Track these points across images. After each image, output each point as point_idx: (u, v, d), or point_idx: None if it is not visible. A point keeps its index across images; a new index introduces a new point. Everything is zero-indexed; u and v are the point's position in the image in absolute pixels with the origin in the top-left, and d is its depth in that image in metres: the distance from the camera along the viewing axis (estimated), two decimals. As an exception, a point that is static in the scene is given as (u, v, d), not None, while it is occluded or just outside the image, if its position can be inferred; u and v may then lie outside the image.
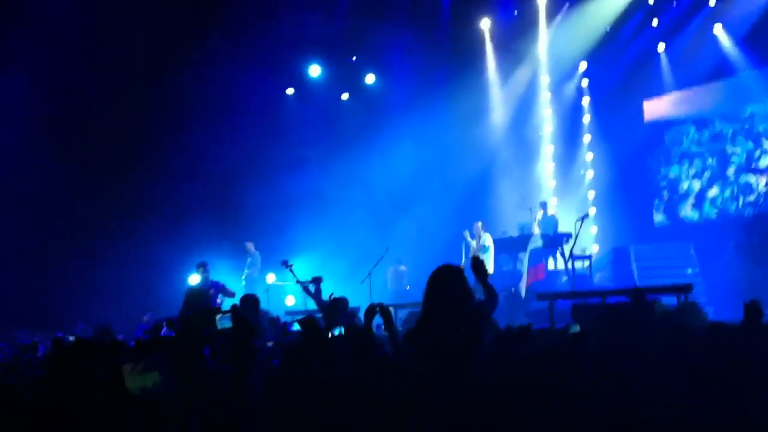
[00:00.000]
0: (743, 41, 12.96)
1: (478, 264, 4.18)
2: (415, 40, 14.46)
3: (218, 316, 4.73)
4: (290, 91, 15.94)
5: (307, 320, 5.36)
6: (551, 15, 15.07)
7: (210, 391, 3.85)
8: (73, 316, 11.76)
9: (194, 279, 10.90)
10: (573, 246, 11.14)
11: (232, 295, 9.96)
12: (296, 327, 6.74)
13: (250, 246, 13.73)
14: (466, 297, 3.83)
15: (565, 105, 15.95)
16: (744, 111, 13.40)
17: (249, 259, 13.64)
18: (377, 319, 4.53)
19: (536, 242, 11.86)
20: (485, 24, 15.37)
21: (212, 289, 9.69)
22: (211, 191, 14.16)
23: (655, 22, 14.16)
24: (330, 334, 5.63)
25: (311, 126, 15.42)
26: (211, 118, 14.08)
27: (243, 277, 13.46)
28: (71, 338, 8.75)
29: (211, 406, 3.60)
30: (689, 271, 12.12)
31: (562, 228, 12.61)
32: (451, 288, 3.82)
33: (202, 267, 10.78)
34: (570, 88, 15.90)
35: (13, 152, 12.27)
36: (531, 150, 15.99)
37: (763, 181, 12.22)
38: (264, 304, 10.66)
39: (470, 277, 4.12)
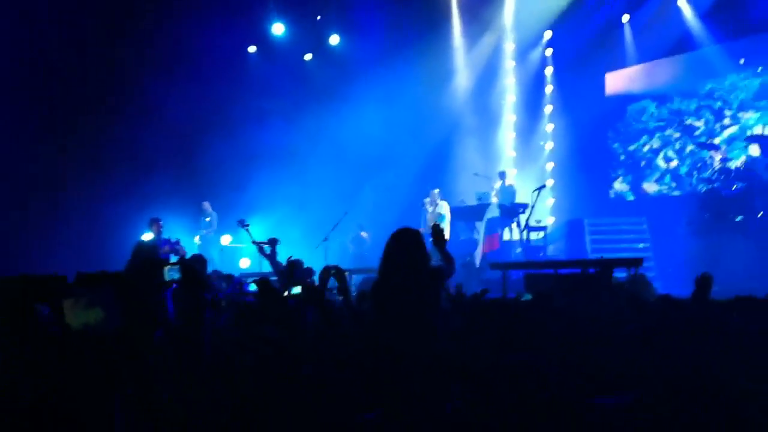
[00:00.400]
0: (706, 15, 12.94)
1: (437, 232, 4.24)
2: (382, 0, 14.24)
3: (166, 269, 4.64)
4: (252, 48, 15.58)
5: (262, 280, 5.32)
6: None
7: (156, 333, 3.77)
8: (21, 271, 11.40)
9: (148, 237, 10.70)
10: (529, 217, 11.24)
11: (183, 254, 9.79)
12: (252, 287, 6.69)
13: (207, 205, 13.52)
14: (424, 258, 3.87)
15: (528, 74, 15.94)
16: (703, 87, 13.48)
17: (206, 219, 13.43)
18: (332, 283, 4.50)
19: (493, 211, 11.91)
20: (452, -12, 15.24)
21: (165, 246, 9.51)
22: (169, 146, 13.79)
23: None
24: (287, 292, 5.61)
25: (275, 82, 15.13)
26: (170, 72, 13.64)
27: (198, 237, 13.27)
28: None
29: (158, 348, 3.53)
30: (641, 245, 12.35)
31: (521, 198, 12.69)
32: (409, 249, 3.87)
33: (155, 223, 10.60)
34: (534, 58, 15.87)
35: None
36: (493, 118, 15.97)
37: (717, 156, 12.44)
38: (218, 266, 10.57)
39: (428, 243, 4.16)
